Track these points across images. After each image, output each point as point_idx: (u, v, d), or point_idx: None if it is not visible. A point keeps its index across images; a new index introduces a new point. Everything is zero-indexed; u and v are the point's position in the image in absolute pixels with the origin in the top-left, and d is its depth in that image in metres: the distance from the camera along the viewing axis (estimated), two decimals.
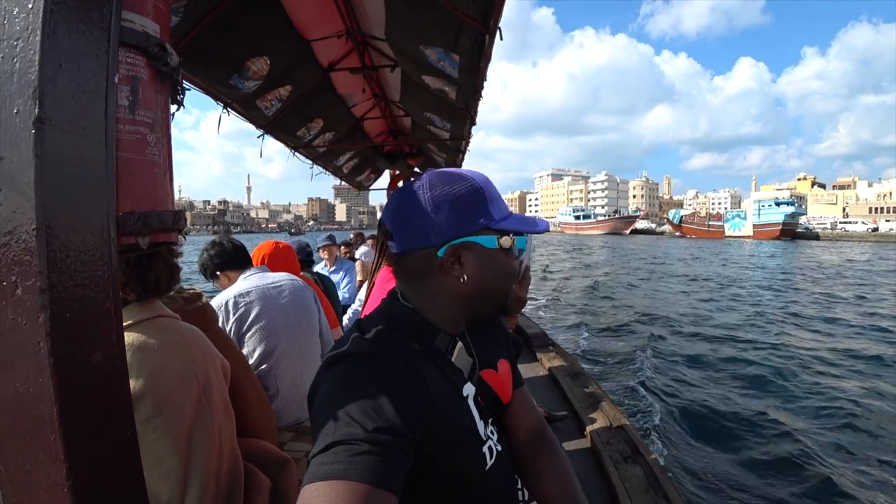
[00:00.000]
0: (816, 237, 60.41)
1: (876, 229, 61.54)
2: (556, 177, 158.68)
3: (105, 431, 0.59)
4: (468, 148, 4.51)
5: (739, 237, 62.76)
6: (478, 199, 0.73)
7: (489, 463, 0.73)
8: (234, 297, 1.76)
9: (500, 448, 0.77)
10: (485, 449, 0.73)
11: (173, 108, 0.80)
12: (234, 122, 2.50)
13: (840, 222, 70.98)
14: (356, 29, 2.53)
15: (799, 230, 62.12)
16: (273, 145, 3.15)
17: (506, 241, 0.73)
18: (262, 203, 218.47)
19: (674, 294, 13.16)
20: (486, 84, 2.51)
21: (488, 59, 2.18)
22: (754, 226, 63.08)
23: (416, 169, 5.94)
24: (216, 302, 1.72)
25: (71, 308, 0.53)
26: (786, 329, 8.44)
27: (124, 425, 0.62)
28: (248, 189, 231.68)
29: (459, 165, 5.67)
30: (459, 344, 0.78)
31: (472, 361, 0.79)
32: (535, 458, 0.88)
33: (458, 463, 0.69)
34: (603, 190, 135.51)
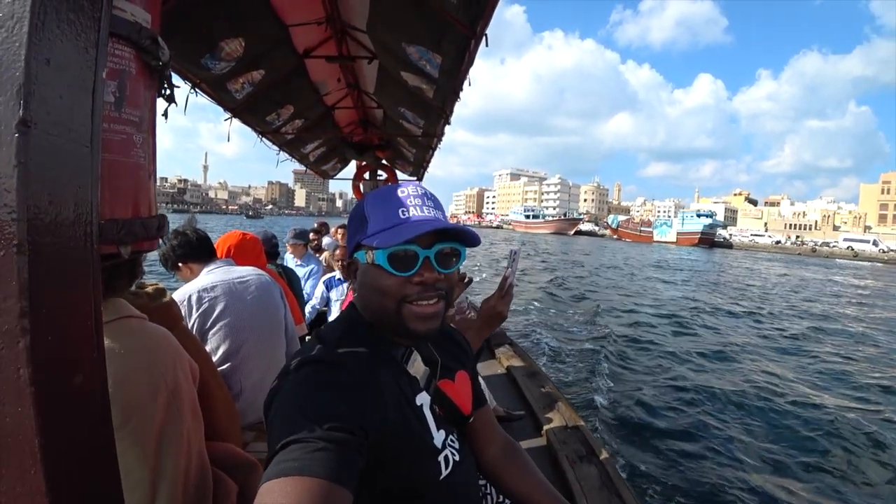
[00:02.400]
0: (730, 246, 68.38)
1: (779, 242, 71.34)
2: (515, 176, 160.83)
3: (88, 459, 0.55)
4: (439, 145, 4.48)
5: (665, 242, 69.12)
6: (359, 214, 0.76)
7: (444, 473, 0.73)
8: (199, 291, 1.67)
9: (457, 458, 0.76)
10: (440, 458, 0.73)
11: (162, 104, 0.74)
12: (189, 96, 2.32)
13: (752, 234, 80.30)
14: (337, 17, 2.44)
15: (717, 239, 69.46)
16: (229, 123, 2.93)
17: (369, 255, 0.71)
18: (219, 183, 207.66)
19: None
20: (465, 87, 2.50)
21: (471, 63, 2.17)
22: (678, 233, 69.73)
23: (384, 161, 5.84)
24: (178, 296, 1.62)
25: (52, 331, 0.49)
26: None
27: (107, 452, 0.58)
28: (205, 168, 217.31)
29: (428, 162, 5.62)
30: (416, 354, 0.79)
31: (428, 372, 0.81)
32: (509, 465, 0.92)
33: (411, 472, 0.70)
34: (556, 192, 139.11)
